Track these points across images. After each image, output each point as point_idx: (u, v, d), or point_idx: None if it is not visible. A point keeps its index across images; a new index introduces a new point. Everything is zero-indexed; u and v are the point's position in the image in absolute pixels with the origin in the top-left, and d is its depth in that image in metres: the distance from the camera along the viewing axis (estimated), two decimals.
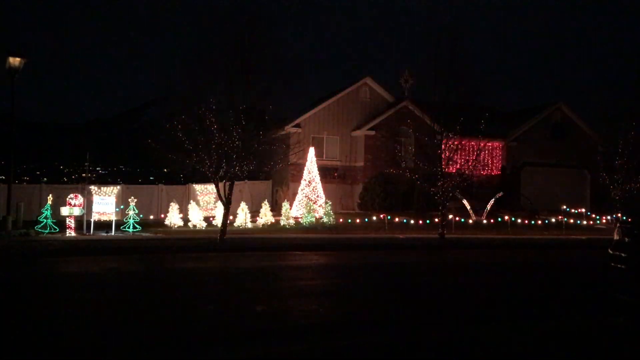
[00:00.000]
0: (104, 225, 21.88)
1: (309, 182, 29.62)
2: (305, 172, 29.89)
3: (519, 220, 29.81)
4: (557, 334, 7.85)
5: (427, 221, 27.65)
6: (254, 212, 27.06)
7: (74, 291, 10.65)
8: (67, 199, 20.99)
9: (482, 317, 8.89)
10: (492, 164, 36.61)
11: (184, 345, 6.86)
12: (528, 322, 8.54)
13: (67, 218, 20.75)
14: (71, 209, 20.64)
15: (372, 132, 34.70)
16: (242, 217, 25.33)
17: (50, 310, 8.88)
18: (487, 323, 8.42)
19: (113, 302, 9.52)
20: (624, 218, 26.45)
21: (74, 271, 13.46)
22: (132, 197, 23.08)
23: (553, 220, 30.48)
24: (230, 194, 20.13)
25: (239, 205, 25.94)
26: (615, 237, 11.37)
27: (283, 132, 32.49)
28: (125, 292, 10.61)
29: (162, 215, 26.48)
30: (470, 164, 22.33)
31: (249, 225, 25.29)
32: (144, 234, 21.46)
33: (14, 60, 20.62)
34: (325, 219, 26.64)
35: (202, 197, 29.83)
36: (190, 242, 19.35)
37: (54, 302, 9.49)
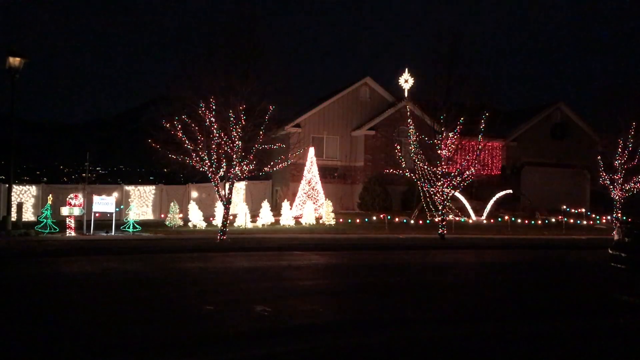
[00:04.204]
0: (104, 225, 21.87)
1: (309, 182, 29.62)
2: (305, 172, 29.89)
3: (519, 221, 29.82)
4: (557, 334, 7.85)
5: (427, 221, 27.66)
6: (254, 212, 27.06)
7: (74, 291, 10.65)
8: (67, 199, 20.98)
9: (481, 316, 8.90)
10: (492, 164, 36.63)
11: (184, 345, 6.86)
12: (527, 321, 8.55)
13: (67, 218, 20.75)
14: (71, 209, 20.64)
15: (372, 132, 34.69)
16: (242, 217, 25.33)
17: (49, 310, 8.87)
18: (486, 322, 8.43)
19: (112, 303, 9.51)
20: (624, 218, 26.47)
21: (73, 271, 13.45)
22: (132, 197, 23.08)
23: (553, 220, 30.49)
24: (230, 194, 20.13)
25: (239, 205, 25.94)
26: (615, 237, 11.40)
27: (283, 132, 32.47)
28: (124, 292, 10.60)
29: (162, 216, 26.48)
30: (470, 163, 22.33)
31: (249, 225, 25.28)
32: (144, 234, 21.46)
33: (14, 60, 20.62)
34: (325, 219, 26.63)
35: (202, 197, 29.83)
36: (190, 242, 19.35)
37: (53, 303, 9.48)
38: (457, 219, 28.69)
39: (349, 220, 27.39)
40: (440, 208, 23.02)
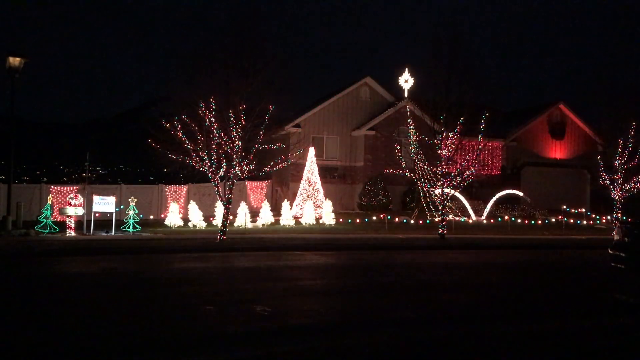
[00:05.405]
0: (104, 225, 21.87)
1: (309, 182, 29.62)
2: (305, 172, 29.90)
3: (519, 221, 29.84)
4: (557, 334, 7.85)
5: (427, 221, 27.67)
6: (254, 212, 27.05)
7: (74, 291, 10.65)
8: (67, 199, 21.00)
9: (481, 316, 8.90)
10: (492, 163, 36.62)
11: (184, 345, 6.86)
12: (527, 321, 8.55)
13: (67, 218, 20.75)
14: (71, 209, 20.64)
15: (372, 132, 34.70)
16: (242, 217, 25.32)
17: (49, 310, 8.87)
18: (486, 322, 8.42)
19: (112, 303, 9.52)
20: (624, 218, 26.47)
21: (73, 271, 13.46)
22: (132, 197, 23.07)
23: (553, 220, 30.50)
24: (230, 194, 20.13)
25: (239, 205, 25.94)
26: (615, 237, 11.38)
27: (283, 132, 32.49)
28: (124, 292, 10.61)
29: (162, 215, 26.47)
30: (470, 163, 22.33)
31: (249, 225, 25.28)
32: (144, 234, 21.46)
33: (14, 60, 20.64)
34: (325, 219, 26.63)
35: (202, 197, 29.83)
36: (190, 242, 19.35)
37: (53, 303, 9.49)
38: (457, 219, 28.69)
39: (349, 220, 27.39)
40: (440, 208, 23.02)
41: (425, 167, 22.86)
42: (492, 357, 6.77)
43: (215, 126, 19.06)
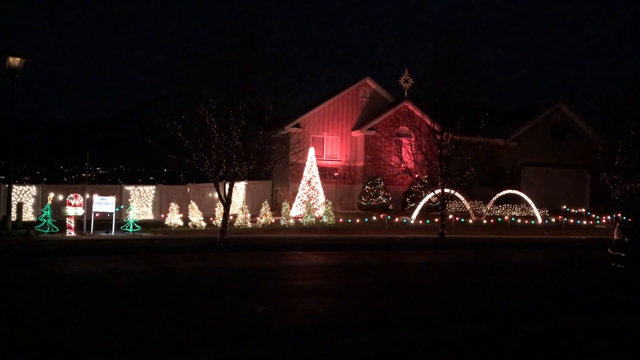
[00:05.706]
0: (104, 225, 21.86)
1: (309, 182, 29.62)
2: (305, 172, 29.89)
3: (519, 221, 29.84)
4: (557, 333, 7.86)
5: (427, 221, 27.66)
6: (254, 212, 27.05)
7: (73, 291, 10.66)
8: (67, 199, 20.99)
9: (481, 316, 8.90)
10: (492, 164, 36.58)
11: (184, 345, 6.86)
12: (527, 321, 8.55)
13: (67, 218, 20.74)
14: (71, 209, 20.63)
15: (372, 132, 34.69)
16: (242, 217, 25.31)
17: (50, 310, 8.87)
18: (486, 322, 8.43)
19: (112, 303, 9.52)
20: (624, 218, 26.47)
21: (73, 271, 13.46)
22: (132, 197, 23.05)
23: (553, 220, 30.50)
24: (230, 194, 20.13)
25: (239, 205, 25.91)
26: (615, 237, 11.38)
27: (283, 132, 32.48)
28: (124, 292, 10.61)
29: (162, 215, 26.47)
30: (469, 163, 22.32)
31: (249, 225, 25.27)
32: (143, 234, 21.45)
33: (14, 60, 20.61)
34: (325, 219, 26.62)
35: (202, 197, 29.81)
36: (190, 242, 19.35)
37: (53, 303, 9.49)
38: (457, 218, 28.68)
39: (349, 220, 27.38)
40: (440, 208, 23.01)
41: (425, 167, 22.85)
42: (492, 357, 6.77)
43: (215, 126, 19.05)
